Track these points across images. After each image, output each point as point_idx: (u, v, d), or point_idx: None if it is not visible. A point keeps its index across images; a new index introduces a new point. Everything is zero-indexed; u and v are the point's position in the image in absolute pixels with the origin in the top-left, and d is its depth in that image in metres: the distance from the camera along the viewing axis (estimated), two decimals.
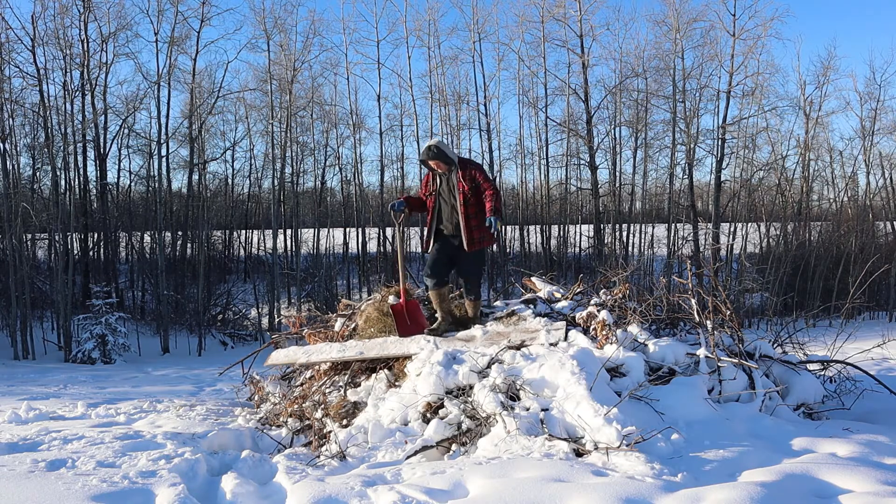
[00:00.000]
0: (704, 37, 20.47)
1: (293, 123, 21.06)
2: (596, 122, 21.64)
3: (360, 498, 3.45)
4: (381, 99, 21.43)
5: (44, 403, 6.83)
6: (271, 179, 21.74)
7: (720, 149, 20.52)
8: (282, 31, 20.57)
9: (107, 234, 19.37)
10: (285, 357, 6.28)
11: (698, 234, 20.73)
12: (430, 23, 21.29)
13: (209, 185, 23.21)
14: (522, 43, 21.81)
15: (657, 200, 24.57)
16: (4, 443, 4.73)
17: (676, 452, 3.89)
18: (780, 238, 20.55)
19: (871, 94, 21.89)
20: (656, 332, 5.71)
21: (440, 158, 5.67)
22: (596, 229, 21.17)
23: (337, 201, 27.49)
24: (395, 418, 4.70)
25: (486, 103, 21.97)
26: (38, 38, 16.01)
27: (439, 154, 5.67)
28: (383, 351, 5.62)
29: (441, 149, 5.68)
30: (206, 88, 20.92)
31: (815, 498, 3.29)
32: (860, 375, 5.79)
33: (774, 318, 7.24)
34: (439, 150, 5.67)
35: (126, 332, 14.86)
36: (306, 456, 4.61)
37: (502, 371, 4.67)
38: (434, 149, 5.68)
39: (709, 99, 21.17)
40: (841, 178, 24.17)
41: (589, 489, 3.25)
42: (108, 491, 3.63)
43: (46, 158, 16.92)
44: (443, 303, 5.92)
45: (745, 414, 4.65)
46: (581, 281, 6.48)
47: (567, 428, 4.11)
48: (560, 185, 23.66)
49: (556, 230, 23.01)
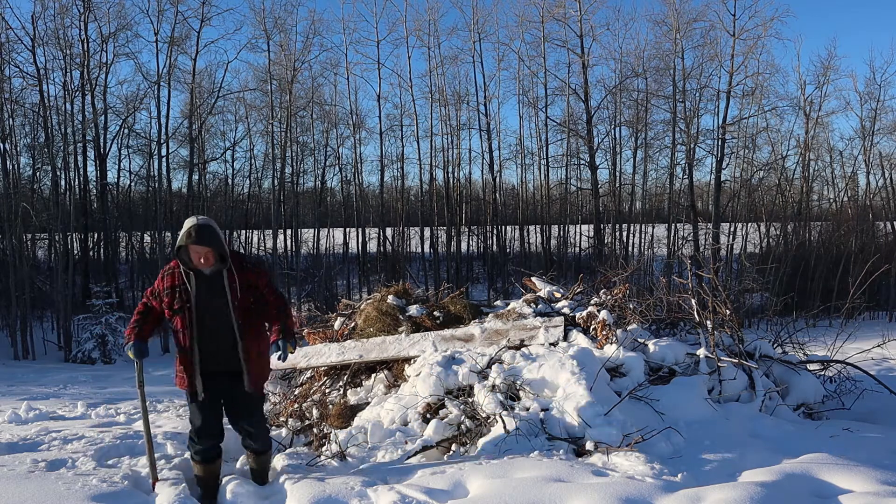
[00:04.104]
0: (704, 37, 20.48)
1: (293, 123, 21.06)
2: (596, 122, 21.65)
3: (360, 498, 3.45)
4: (381, 99, 21.45)
5: (44, 403, 6.83)
6: (271, 179, 21.75)
7: (720, 149, 20.52)
8: (282, 31, 20.58)
9: (107, 234, 19.36)
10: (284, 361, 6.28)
11: (698, 234, 20.73)
12: (430, 23, 21.30)
13: (209, 185, 23.20)
14: (522, 43, 21.83)
15: (657, 200, 24.57)
16: (4, 443, 4.73)
17: (676, 452, 3.90)
18: (780, 238, 20.54)
19: (871, 94, 21.90)
20: (656, 332, 5.71)
21: (212, 245, 3.63)
22: (596, 229, 21.17)
23: (337, 201, 27.49)
24: (394, 418, 4.70)
25: (486, 103, 21.98)
26: (38, 38, 16.01)
27: (212, 238, 3.63)
28: (382, 353, 5.62)
29: (214, 230, 3.68)
30: (206, 88, 20.92)
31: (815, 498, 3.29)
32: (860, 375, 5.78)
33: (774, 318, 7.22)
34: (212, 231, 3.65)
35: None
36: (307, 456, 4.61)
37: (502, 371, 4.67)
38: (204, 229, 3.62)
39: (709, 99, 21.18)
40: (841, 178, 24.19)
41: (589, 489, 3.25)
42: (108, 491, 3.63)
43: (46, 158, 16.91)
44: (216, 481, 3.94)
45: (745, 414, 4.65)
46: (581, 281, 6.48)
47: (567, 428, 4.11)
48: (560, 185, 23.67)
49: (556, 230, 23.02)
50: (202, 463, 3.84)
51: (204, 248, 3.61)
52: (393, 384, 5.44)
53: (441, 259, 21.70)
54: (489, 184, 22.50)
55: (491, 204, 22.25)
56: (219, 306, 3.70)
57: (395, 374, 5.56)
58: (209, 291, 3.71)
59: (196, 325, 3.71)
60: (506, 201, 26.59)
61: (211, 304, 3.70)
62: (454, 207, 22.00)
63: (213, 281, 3.71)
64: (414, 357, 5.43)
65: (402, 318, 6.07)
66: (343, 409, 5.22)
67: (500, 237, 22.66)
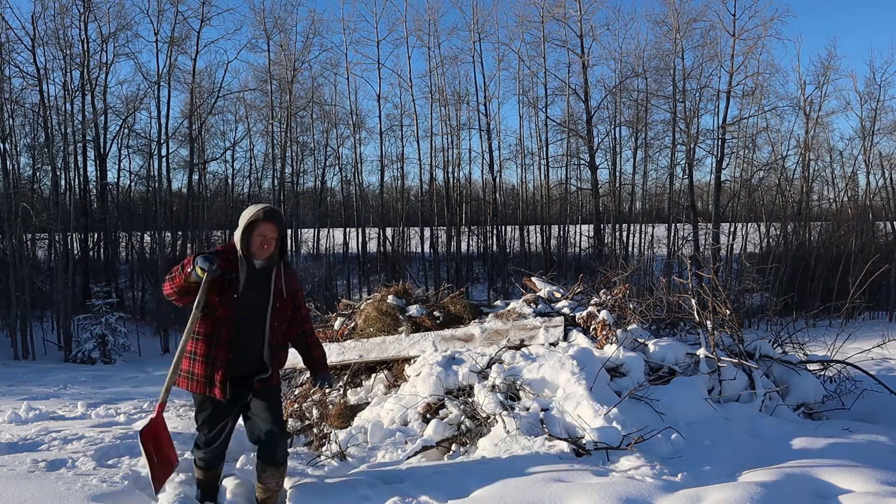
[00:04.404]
0: (704, 37, 20.51)
1: (293, 123, 21.08)
2: (596, 122, 21.67)
3: (360, 498, 3.45)
4: (381, 99, 21.49)
5: (44, 403, 6.84)
6: (271, 179, 21.79)
7: (720, 149, 20.53)
8: (282, 31, 20.61)
9: (107, 234, 19.36)
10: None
11: (698, 234, 20.74)
12: (430, 23, 21.33)
13: (209, 185, 23.23)
14: (522, 43, 21.86)
15: (657, 200, 24.58)
16: (4, 443, 4.73)
17: (676, 452, 3.89)
18: (780, 238, 20.55)
19: (871, 94, 21.93)
20: (656, 332, 5.71)
21: (280, 227, 3.46)
22: (596, 229, 21.18)
23: (337, 201, 27.51)
24: (394, 418, 4.70)
25: (486, 103, 21.99)
26: (38, 38, 16.03)
27: (282, 221, 3.48)
28: (382, 353, 5.62)
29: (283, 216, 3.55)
30: (206, 88, 20.95)
31: (815, 498, 3.29)
32: (860, 375, 5.78)
33: (774, 318, 7.22)
34: (282, 216, 3.53)
35: (126, 332, 14.86)
36: (307, 456, 4.62)
37: (502, 371, 4.67)
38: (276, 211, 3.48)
39: (709, 99, 21.21)
40: (841, 178, 24.20)
41: (589, 489, 3.25)
42: (108, 491, 3.63)
43: (46, 158, 16.92)
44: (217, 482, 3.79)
45: (745, 414, 4.65)
46: (581, 281, 6.48)
47: (567, 428, 4.11)
48: (560, 185, 23.68)
49: (556, 230, 23.04)
50: (206, 469, 3.65)
51: (274, 228, 3.39)
52: (393, 384, 5.45)
53: (441, 259, 21.71)
54: (489, 184, 22.53)
55: (491, 204, 22.26)
56: (259, 306, 3.45)
57: (395, 374, 5.56)
58: (254, 287, 3.43)
59: (236, 321, 3.41)
60: (506, 201, 26.61)
61: (252, 302, 3.44)
62: (454, 207, 22.01)
63: (260, 278, 3.45)
64: (414, 357, 5.43)
65: (402, 318, 6.07)
66: (343, 409, 5.22)
67: (500, 237, 22.67)
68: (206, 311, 3.39)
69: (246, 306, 3.42)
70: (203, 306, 3.37)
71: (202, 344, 3.42)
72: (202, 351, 3.41)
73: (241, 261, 3.41)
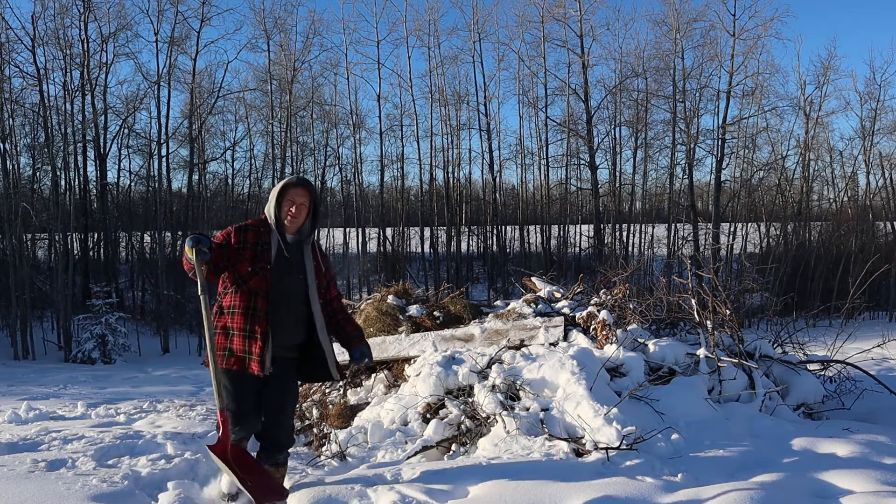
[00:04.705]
0: (704, 37, 20.52)
1: (293, 123, 21.08)
2: (596, 122, 21.67)
3: (360, 498, 3.45)
4: (381, 99, 21.50)
5: (44, 403, 6.84)
6: (271, 179, 21.75)
7: (720, 149, 20.54)
8: (282, 31, 20.62)
9: (107, 234, 19.36)
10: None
11: (698, 234, 20.74)
12: (430, 23, 21.34)
13: (209, 185, 23.23)
14: (522, 43, 21.86)
15: (657, 200, 24.58)
16: (4, 443, 4.73)
17: (676, 452, 3.89)
18: (780, 238, 20.56)
19: (871, 94, 21.93)
20: (656, 332, 5.71)
21: (311, 193, 3.41)
22: (596, 229, 21.18)
23: (337, 201, 27.48)
24: (394, 418, 4.70)
25: (486, 103, 22.00)
26: (38, 38, 16.03)
27: (313, 187, 3.45)
28: (382, 353, 5.62)
29: (311, 182, 3.49)
30: (206, 88, 20.95)
31: (815, 498, 3.29)
32: (860, 375, 5.78)
33: (774, 318, 7.21)
34: (309, 181, 3.47)
35: (126, 332, 14.87)
36: (307, 456, 4.62)
37: (502, 371, 4.67)
38: (307, 179, 3.48)
39: (709, 99, 21.22)
40: (841, 178, 24.20)
41: (589, 489, 3.25)
42: (108, 491, 3.63)
43: (46, 158, 16.92)
44: None
45: (745, 414, 4.65)
46: (581, 281, 6.48)
47: (567, 428, 4.11)
48: (560, 185, 23.69)
49: (556, 230, 23.04)
50: (238, 441, 3.38)
51: (304, 192, 3.32)
52: (393, 384, 5.45)
53: (441, 259, 21.72)
54: (489, 184, 22.54)
55: (491, 204, 22.26)
56: (292, 283, 3.35)
57: (395, 374, 5.57)
58: (286, 262, 3.33)
59: (273, 292, 3.28)
60: (506, 201, 26.61)
61: (287, 275, 3.34)
62: (454, 207, 22.01)
63: (293, 251, 3.36)
64: (414, 357, 5.44)
65: (402, 318, 6.07)
66: (343, 409, 5.23)
67: (500, 237, 22.67)
68: (238, 282, 3.31)
69: (281, 278, 3.32)
70: (236, 280, 3.29)
71: (239, 318, 3.30)
72: (239, 324, 3.29)
73: (273, 232, 3.35)
